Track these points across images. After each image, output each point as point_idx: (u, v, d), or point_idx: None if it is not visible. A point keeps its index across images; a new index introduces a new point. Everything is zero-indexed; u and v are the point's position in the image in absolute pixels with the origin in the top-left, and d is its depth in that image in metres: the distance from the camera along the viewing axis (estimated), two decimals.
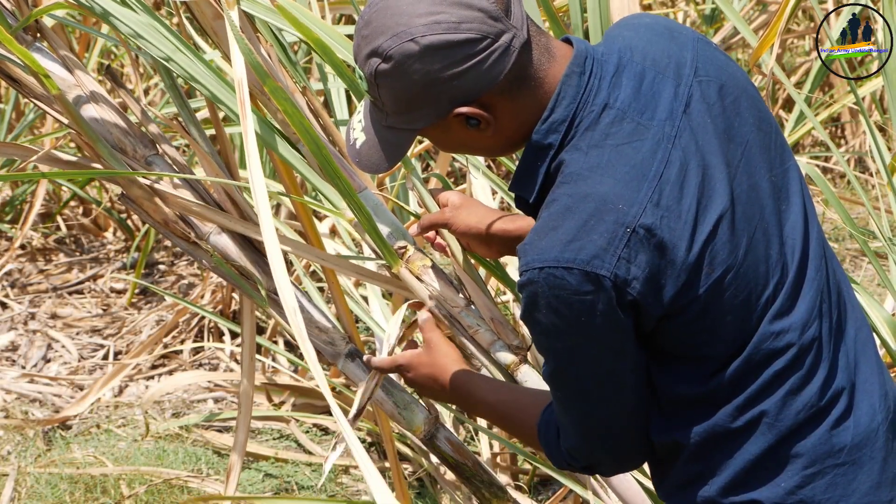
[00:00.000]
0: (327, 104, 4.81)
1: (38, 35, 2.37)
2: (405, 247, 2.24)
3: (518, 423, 1.91)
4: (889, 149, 5.16)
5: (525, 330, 2.65)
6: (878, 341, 2.78)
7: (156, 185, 2.29)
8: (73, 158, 2.36)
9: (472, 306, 2.20)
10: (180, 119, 2.38)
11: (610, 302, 1.64)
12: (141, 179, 2.28)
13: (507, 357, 2.20)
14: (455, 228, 2.13)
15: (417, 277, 2.21)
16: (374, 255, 2.29)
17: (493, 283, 3.48)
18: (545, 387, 2.18)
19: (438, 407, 3.15)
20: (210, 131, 3.74)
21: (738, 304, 1.68)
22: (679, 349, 1.70)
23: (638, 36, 1.75)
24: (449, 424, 3.24)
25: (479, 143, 1.74)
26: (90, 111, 2.32)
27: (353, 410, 2.21)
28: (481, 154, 1.79)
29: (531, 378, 2.20)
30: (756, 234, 1.70)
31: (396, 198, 3.56)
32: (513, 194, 1.80)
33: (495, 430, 3.53)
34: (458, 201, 2.15)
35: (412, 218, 3.47)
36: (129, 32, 2.27)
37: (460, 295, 2.19)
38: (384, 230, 2.24)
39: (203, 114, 4.44)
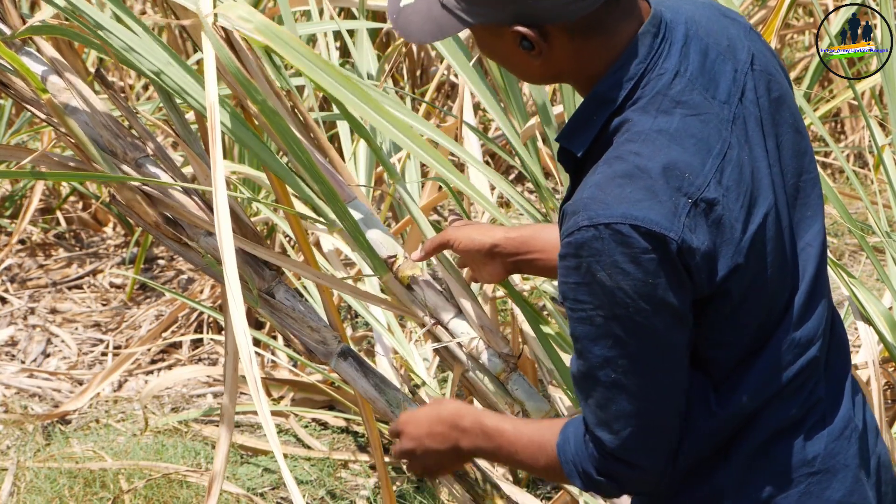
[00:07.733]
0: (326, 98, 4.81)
1: (28, 39, 2.37)
2: (394, 256, 2.23)
3: (535, 449, 1.75)
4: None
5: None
6: (875, 336, 2.79)
7: (146, 188, 2.29)
8: (67, 159, 2.36)
9: (462, 315, 2.19)
10: (171, 122, 2.37)
11: (675, 265, 1.58)
12: (131, 182, 2.28)
13: (497, 365, 2.19)
14: (458, 244, 2.09)
15: (407, 287, 2.20)
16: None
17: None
18: (535, 395, 2.18)
19: None
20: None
21: (761, 309, 1.66)
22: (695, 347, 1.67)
23: (698, 11, 1.71)
24: None
25: (522, 65, 1.68)
26: (80, 114, 2.32)
27: None
28: (517, 75, 1.72)
29: (521, 386, 2.19)
30: (784, 239, 1.67)
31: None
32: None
33: None
34: (461, 221, 2.13)
35: (406, 218, 3.46)
36: (121, 45, 2.26)
37: (450, 304, 2.18)
38: (373, 240, 2.23)
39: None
